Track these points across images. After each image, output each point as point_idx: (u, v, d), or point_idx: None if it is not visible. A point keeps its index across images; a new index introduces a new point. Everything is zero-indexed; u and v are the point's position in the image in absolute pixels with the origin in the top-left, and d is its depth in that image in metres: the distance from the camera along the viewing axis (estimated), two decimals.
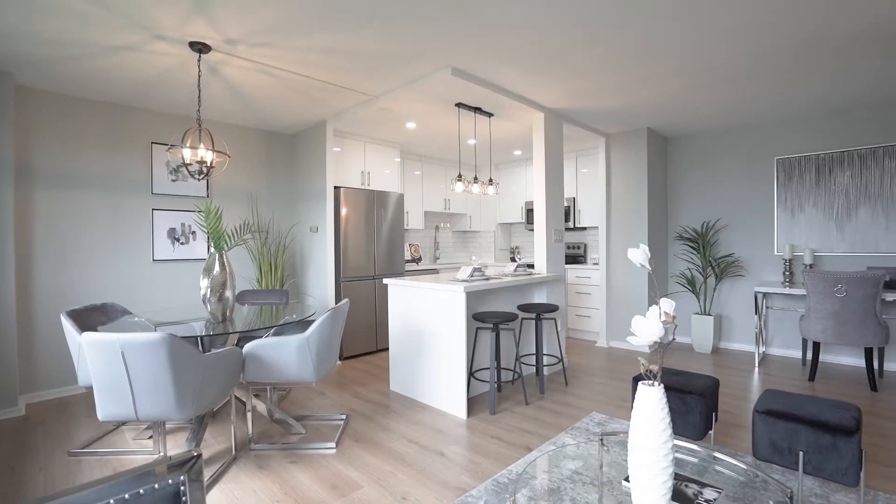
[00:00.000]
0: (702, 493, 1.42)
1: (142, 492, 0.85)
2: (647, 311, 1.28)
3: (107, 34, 2.63)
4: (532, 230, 6.60)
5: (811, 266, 4.39)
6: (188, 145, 2.80)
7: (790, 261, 4.41)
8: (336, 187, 4.67)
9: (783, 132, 4.64)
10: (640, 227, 4.99)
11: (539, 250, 4.24)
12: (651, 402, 1.24)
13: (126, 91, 3.60)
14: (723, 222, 5.05)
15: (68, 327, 2.54)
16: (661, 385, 1.26)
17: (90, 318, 2.85)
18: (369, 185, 5.14)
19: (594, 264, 5.60)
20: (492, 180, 4.25)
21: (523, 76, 3.39)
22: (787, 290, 4.09)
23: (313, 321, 2.65)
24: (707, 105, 4.11)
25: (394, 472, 2.38)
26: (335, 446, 2.65)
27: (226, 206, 4.60)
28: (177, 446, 2.69)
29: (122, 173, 3.94)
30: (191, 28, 2.57)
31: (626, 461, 1.60)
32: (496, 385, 3.62)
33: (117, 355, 1.98)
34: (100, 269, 3.82)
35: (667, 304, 1.27)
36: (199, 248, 4.36)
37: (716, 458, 1.71)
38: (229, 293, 2.77)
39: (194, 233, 4.33)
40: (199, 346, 2.72)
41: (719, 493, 1.43)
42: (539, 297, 4.16)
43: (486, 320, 3.17)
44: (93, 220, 3.79)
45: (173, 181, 4.20)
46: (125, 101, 3.83)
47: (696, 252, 5.07)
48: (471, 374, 3.44)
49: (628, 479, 1.31)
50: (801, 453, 1.94)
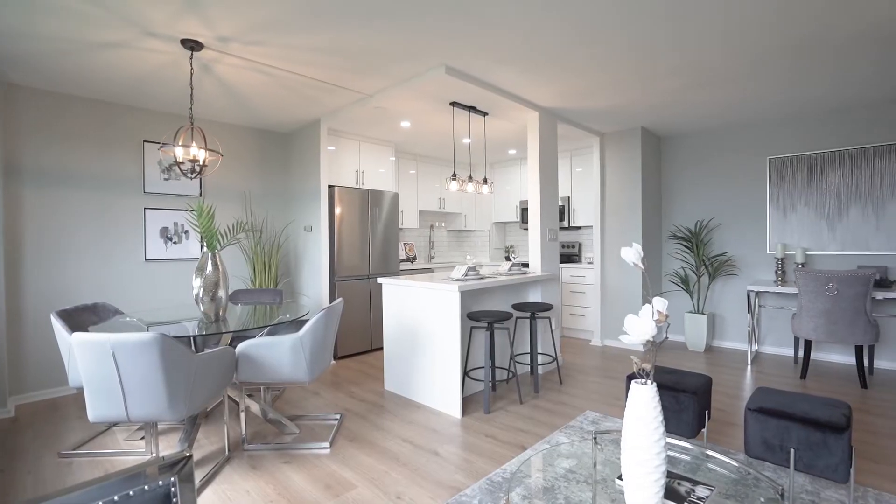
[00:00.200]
0: (694, 490, 1.43)
1: (131, 493, 0.84)
2: (641, 309, 1.28)
3: (96, 30, 2.60)
4: (527, 229, 6.60)
5: (803, 265, 4.43)
6: (180, 144, 2.78)
7: (782, 260, 4.45)
8: (330, 186, 4.65)
9: (776, 132, 4.67)
10: (634, 227, 5.01)
11: (534, 249, 4.25)
12: (644, 400, 1.25)
13: (117, 89, 3.57)
14: (716, 221, 5.08)
15: (58, 327, 2.52)
16: (654, 384, 1.27)
17: (81, 319, 2.82)
18: (364, 184, 5.13)
19: (588, 263, 5.62)
20: (486, 179, 4.25)
21: (518, 75, 3.38)
22: (780, 289, 4.12)
23: (307, 321, 2.64)
24: (702, 105, 4.13)
25: (388, 471, 2.38)
26: (329, 446, 2.65)
27: (219, 205, 4.57)
28: (169, 447, 2.67)
29: (114, 172, 3.90)
30: (182, 25, 2.54)
31: (620, 459, 1.60)
32: (491, 384, 3.62)
33: (108, 356, 1.96)
34: (91, 268, 3.78)
35: (659, 303, 1.27)
36: (192, 247, 4.33)
37: (708, 455, 1.72)
38: (222, 293, 2.75)
39: (187, 232, 4.29)
40: (192, 346, 2.70)
41: (711, 490, 1.44)
42: (534, 297, 4.17)
43: (480, 319, 3.17)
44: (84, 219, 3.75)
45: (166, 180, 4.17)
46: (116, 98, 3.80)
47: (689, 251, 5.10)
48: (465, 373, 3.44)
49: (622, 477, 1.32)
50: (792, 450, 1.96)
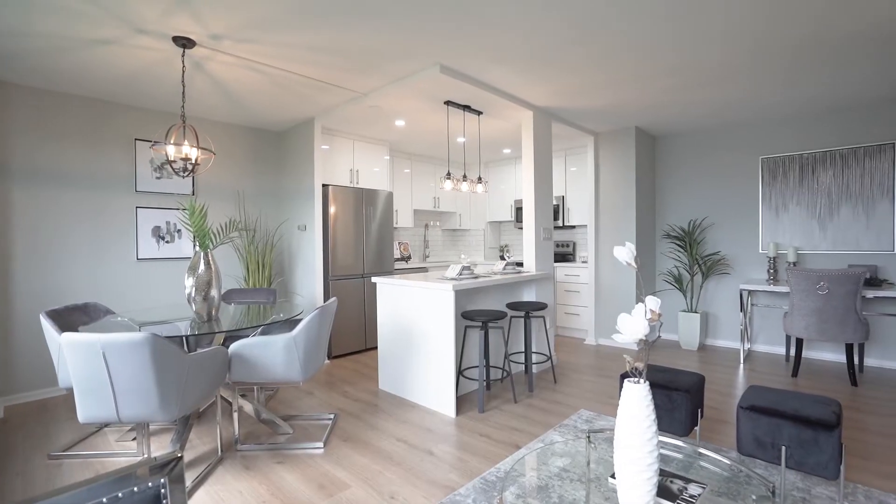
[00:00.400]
0: (686, 488, 1.44)
1: (120, 495, 0.83)
2: (633, 308, 1.29)
3: (85, 27, 2.56)
4: (521, 228, 6.62)
5: (795, 264, 4.46)
6: (172, 142, 2.75)
7: (774, 259, 4.48)
8: (324, 185, 4.63)
9: (769, 131, 4.71)
10: (628, 226, 5.03)
11: (528, 248, 4.26)
12: (636, 399, 1.25)
13: (108, 86, 3.53)
14: (709, 221, 5.11)
15: (48, 327, 2.49)
16: (647, 382, 1.27)
17: (72, 319, 2.79)
18: (358, 183, 5.11)
19: (583, 262, 5.63)
20: (481, 178, 4.25)
21: (513, 75, 3.38)
22: (772, 288, 4.15)
23: (301, 320, 2.62)
24: (697, 104, 4.15)
25: (382, 471, 2.37)
26: (323, 446, 2.64)
27: (212, 203, 4.53)
28: (161, 448, 2.64)
29: (105, 170, 3.86)
30: (174, 22, 2.52)
31: (613, 458, 1.61)
32: (485, 383, 3.63)
33: (98, 356, 1.94)
34: (82, 268, 3.74)
35: (652, 302, 1.28)
36: (185, 246, 4.29)
37: (701, 453, 1.73)
38: (215, 292, 2.73)
39: (179, 231, 4.26)
40: (184, 346, 2.68)
41: (703, 488, 1.45)
42: (528, 296, 4.17)
43: (475, 318, 3.17)
44: (75, 218, 3.71)
45: (158, 179, 4.13)
46: (107, 96, 3.75)
47: (683, 250, 5.13)
48: (460, 372, 3.44)
49: (615, 475, 1.32)
50: (783, 448, 1.97)
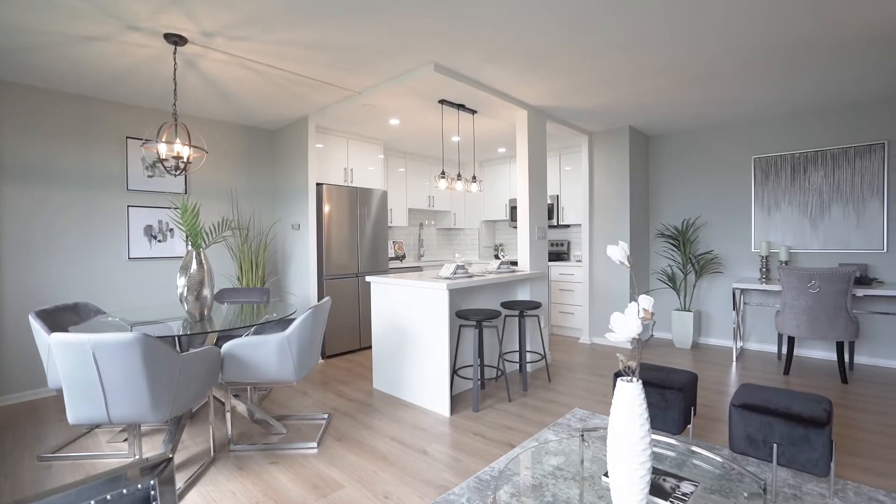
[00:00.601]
0: (679, 486, 1.44)
1: (109, 497, 0.82)
2: (627, 307, 1.29)
3: (76, 23, 2.53)
4: (516, 227, 6.62)
5: (786, 263, 4.50)
6: (164, 140, 2.73)
7: (767, 258, 4.51)
8: (318, 184, 4.61)
9: (761, 131, 4.74)
10: (622, 225, 5.05)
11: (522, 248, 4.26)
12: (630, 397, 1.25)
13: (98, 83, 3.49)
14: (702, 220, 5.14)
15: (37, 328, 2.46)
16: (640, 381, 1.27)
17: (62, 319, 2.76)
18: (352, 181, 5.09)
19: (577, 261, 5.65)
20: (475, 178, 4.25)
21: (506, 74, 3.38)
22: (764, 287, 4.18)
23: (294, 319, 2.61)
24: (691, 104, 4.17)
25: (376, 471, 2.37)
26: (317, 446, 2.62)
27: (205, 202, 4.50)
28: (153, 449, 2.62)
29: (96, 169, 3.81)
30: (165, 19, 2.49)
31: (607, 456, 1.61)
32: (479, 382, 3.63)
33: (88, 356, 1.92)
34: (73, 267, 3.70)
35: (645, 301, 1.28)
36: (177, 245, 4.26)
37: (693, 451, 1.74)
38: (207, 291, 2.71)
39: (172, 230, 4.22)
40: (177, 346, 2.66)
41: (696, 486, 1.45)
42: (522, 295, 4.18)
43: (469, 318, 3.17)
44: (65, 217, 3.66)
45: (150, 177, 4.09)
46: (98, 93, 3.71)
47: (676, 249, 5.16)
48: (454, 371, 3.44)
49: (608, 474, 1.32)
50: (774, 445, 1.99)
